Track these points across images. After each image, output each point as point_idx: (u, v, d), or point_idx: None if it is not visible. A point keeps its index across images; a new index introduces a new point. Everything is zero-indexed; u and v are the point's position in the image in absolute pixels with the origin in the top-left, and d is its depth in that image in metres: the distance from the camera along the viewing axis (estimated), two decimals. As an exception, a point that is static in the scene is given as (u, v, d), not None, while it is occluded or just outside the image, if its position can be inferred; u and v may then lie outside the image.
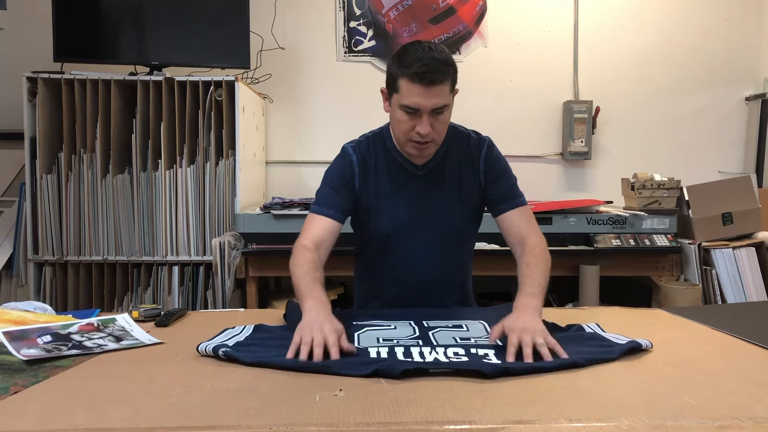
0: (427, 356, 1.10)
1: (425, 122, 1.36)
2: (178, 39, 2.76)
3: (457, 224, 1.54)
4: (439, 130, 1.41)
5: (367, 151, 1.52)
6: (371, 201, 1.50)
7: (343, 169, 1.50)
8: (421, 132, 1.37)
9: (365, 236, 1.57)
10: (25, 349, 1.15)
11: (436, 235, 1.52)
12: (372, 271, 1.63)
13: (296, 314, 1.45)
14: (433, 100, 1.35)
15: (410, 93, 1.34)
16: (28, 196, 2.62)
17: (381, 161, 1.51)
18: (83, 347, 1.21)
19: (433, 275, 1.56)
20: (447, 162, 1.51)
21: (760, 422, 0.86)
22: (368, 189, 1.50)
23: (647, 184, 2.73)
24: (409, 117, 1.38)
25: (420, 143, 1.40)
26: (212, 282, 2.61)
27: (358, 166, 1.49)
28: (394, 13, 3.28)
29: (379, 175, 1.50)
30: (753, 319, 1.61)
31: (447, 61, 1.36)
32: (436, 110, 1.37)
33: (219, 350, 1.14)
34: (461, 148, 1.53)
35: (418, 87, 1.33)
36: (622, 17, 3.36)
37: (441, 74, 1.34)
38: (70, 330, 1.28)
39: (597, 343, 1.21)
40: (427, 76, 1.32)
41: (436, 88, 1.34)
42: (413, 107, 1.35)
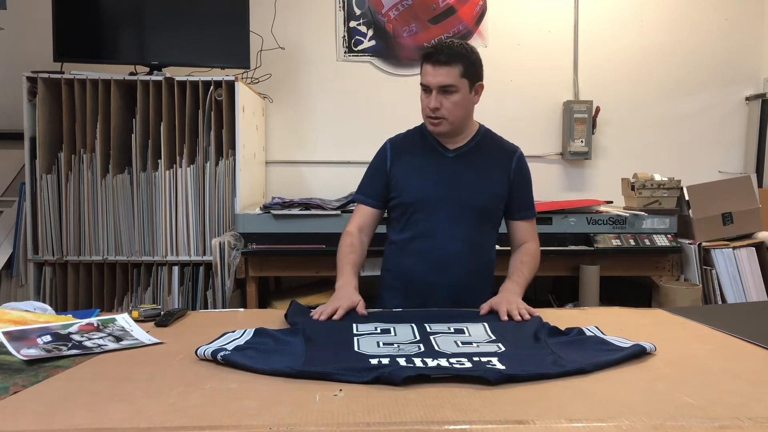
0: (430, 364, 1.10)
1: (433, 98, 1.57)
2: (178, 39, 2.76)
3: (479, 202, 1.67)
4: (449, 109, 1.59)
5: (403, 138, 1.75)
6: (401, 175, 1.67)
7: (378, 158, 1.73)
8: (430, 106, 1.58)
9: (395, 210, 1.71)
10: (25, 349, 1.15)
11: (459, 210, 1.65)
12: (397, 245, 1.73)
13: (298, 314, 1.46)
14: (439, 78, 1.55)
15: (424, 72, 1.58)
16: (28, 196, 2.62)
17: (415, 144, 1.71)
18: (83, 347, 1.21)
19: (452, 247, 1.66)
20: (478, 150, 1.70)
21: (760, 422, 0.86)
22: (400, 166, 1.68)
23: (647, 184, 2.73)
24: (425, 95, 1.60)
25: (433, 118, 1.61)
26: (212, 282, 2.61)
27: (390, 150, 1.71)
28: (394, 13, 3.28)
29: (412, 154, 1.69)
30: (753, 319, 1.61)
31: (459, 50, 1.56)
32: (443, 89, 1.56)
33: (218, 354, 1.13)
34: (494, 145, 1.74)
35: (428, 66, 1.57)
36: (622, 17, 3.36)
37: (447, 56, 1.54)
38: (70, 330, 1.28)
39: (601, 347, 1.20)
40: (433, 56, 1.55)
41: (443, 69, 1.54)
42: (425, 84, 1.59)
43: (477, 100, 1.68)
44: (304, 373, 1.05)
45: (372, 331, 1.34)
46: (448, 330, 1.34)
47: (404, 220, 1.68)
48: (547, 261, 2.59)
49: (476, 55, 1.61)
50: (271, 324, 1.38)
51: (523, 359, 1.12)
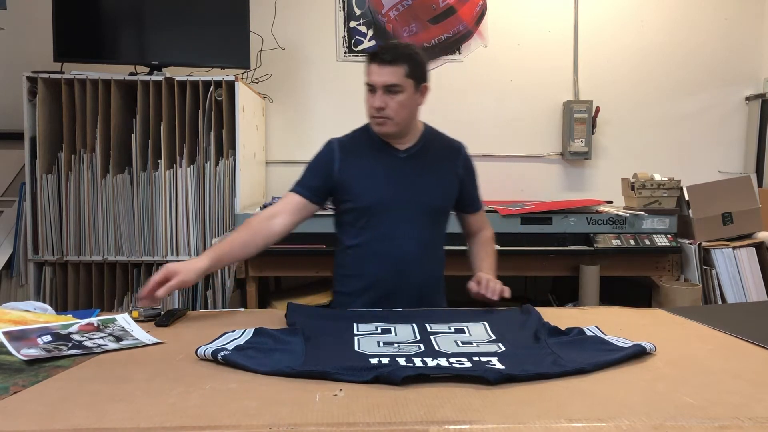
0: (430, 363, 1.09)
1: (378, 97, 1.55)
2: (178, 39, 2.76)
3: (435, 202, 1.69)
4: (395, 109, 1.57)
5: (350, 139, 1.70)
6: (353, 178, 1.63)
7: (323, 156, 1.67)
8: (373, 105, 1.56)
9: (349, 215, 1.67)
10: (25, 349, 1.15)
11: (415, 211, 1.64)
12: (354, 250, 1.69)
13: (297, 315, 1.45)
14: (384, 78, 1.53)
15: (369, 72, 1.56)
16: (28, 196, 2.63)
17: (364, 145, 1.67)
18: (83, 347, 1.21)
19: (412, 250, 1.65)
20: (427, 150, 1.68)
21: (760, 422, 0.86)
22: (350, 168, 1.64)
23: (647, 184, 2.73)
24: (370, 94, 1.57)
25: (377, 118, 1.58)
26: (212, 282, 2.61)
27: (338, 151, 1.65)
28: (394, 13, 3.28)
29: (361, 156, 1.65)
30: (753, 319, 1.61)
31: (405, 51, 1.56)
32: (388, 89, 1.54)
33: (218, 354, 1.13)
34: (441, 143, 1.73)
35: (373, 66, 1.55)
36: (622, 17, 3.36)
37: (392, 56, 1.53)
38: (70, 330, 1.28)
39: (601, 347, 1.20)
40: (378, 55, 1.54)
41: (388, 68, 1.53)
42: (370, 83, 1.56)
43: (422, 102, 1.67)
44: (304, 373, 1.05)
45: (372, 330, 1.34)
46: (448, 330, 1.34)
47: (360, 225, 1.65)
48: (547, 261, 2.61)
49: (422, 57, 1.61)
50: (271, 324, 1.37)
51: (523, 359, 1.12)
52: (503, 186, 3.35)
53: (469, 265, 1.77)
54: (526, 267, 2.63)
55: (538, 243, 2.59)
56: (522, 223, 2.60)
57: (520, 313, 1.48)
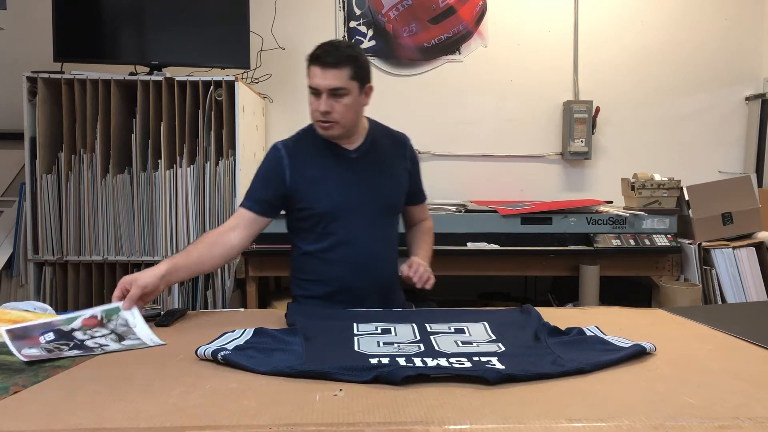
0: (430, 363, 1.09)
1: (323, 101, 1.53)
2: (178, 39, 2.76)
3: (392, 200, 1.69)
4: (340, 112, 1.54)
5: (296, 143, 1.66)
6: (307, 184, 1.61)
7: (271, 164, 1.64)
8: (319, 110, 1.53)
9: (306, 221, 1.65)
10: (26, 349, 1.15)
11: (374, 212, 1.64)
12: (314, 256, 1.67)
13: (297, 315, 1.45)
14: (329, 81, 1.51)
15: (312, 74, 1.54)
16: (28, 196, 2.63)
17: (312, 148, 1.64)
18: (84, 347, 1.21)
19: (375, 249, 1.65)
20: (376, 146, 1.68)
21: (760, 422, 0.86)
22: (302, 174, 1.61)
23: (647, 184, 2.73)
24: (315, 98, 1.55)
25: (323, 122, 1.56)
26: (212, 282, 2.61)
27: (287, 157, 1.62)
28: (394, 13, 3.28)
29: (311, 160, 1.63)
30: (753, 319, 1.61)
31: (347, 52, 1.54)
32: (334, 92, 1.52)
33: (218, 354, 1.13)
34: (387, 138, 1.73)
35: (316, 69, 1.52)
36: (622, 17, 3.36)
37: (335, 58, 1.51)
38: (73, 326, 1.28)
39: (601, 347, 1.20)
40: (321, 58, 1.51)
41: (332, 71, 1.50)
42: (314, 87, 1.54)
43: (367, 102, 1.65)
44: (304, 373, 1.05)
45: (372, 330, 1.34)
46: (448, 330, 1.34)
47: (319, 229, 1.64)
48: (547, 261, 2.61)
49: (364, 57, 1.60)
50: (271, 324, 1.37)
51: (522, 359, 1.12)
52: (503, 186, 3.35)
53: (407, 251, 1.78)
54: (526, 267, 2.63)
55: (538, 243, 2.59)
56: (522, 223, 2.60)
57: (520, 313, 1.48)
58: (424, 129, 3.32)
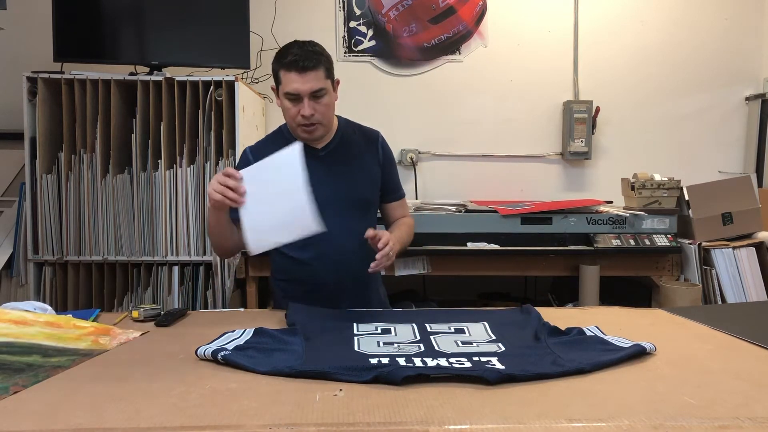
0: (430, 363, 1.10)
1: (306, 105, 1.54)
2: (178, 39, 2.76)
3: (363, 195, 1.71)
4: (322, 112, 1.58)
5: (265, 146, 1.69)
6: None
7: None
8: (304, 114, 1.55)
9: None
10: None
11: (346, 207, 1.64)
12: (291, 256, 1.69)
13: (297, 315, 1.45)
14: (310, 84, 1.53)
15: (289, 81, 1.54)
16: (28, 196, 2.63)
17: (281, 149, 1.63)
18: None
19: (349, 246, 1.65)
20: (345, 143, 1.69)
21: (760, 422, 0.86)
22: None
23: (647, 184, 2.73)
24: (293, 104, 1.56)
25: (307, 126, 1.58)
26: (212, 282, 2.61)
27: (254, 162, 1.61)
28: (394, 13, 3.28)
29: None
30: (753, 319, 1.61)
31: (317, 51, 1.56)
32: (314, 94, 1.54)
33: (218, 354, 1.13)
34: (356, 134, 1.74)
35: (294, 74, 1.53)
36: (622, 17, 3.36)
37: (312, 61, 1.53)
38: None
39: (601, 347, 1.20)
40: (299, 62, 1.52)
41: (311, 74, 1.52)
42: (294, 93, 1.54)
43: (337, 97, 1.68)
44: (304, 373, 1.05)
45: (372, 330, 1.34)
46: (448, 330, 1.34)
47: None
48: (547, 261, 2.61)
49: (328, 53, 1.62)
50: (271, 324, 1.38)
51: (522, 359, 1.12)
52: (503, 186, 3.35)
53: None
54: (526, 267, 2.63)
55: (538, 243, 2.59)
56: (522, 223, 2.60)
57: (520, 313, 1.48)
58: (424, 129, 3.32)
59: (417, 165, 3.31)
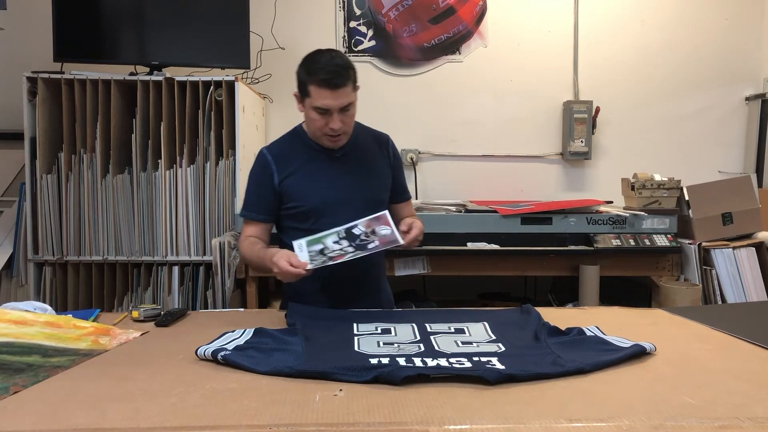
0: (430, 363, 1.10)
1: (336, 119, 1.58)
2: (178, 39, 2.76)
3: (377, 195, 1.74)
4: (348, 123, 1.63)
5: (282, 146, 1.73)
6: (297, 183, 1.67)
7: (260, 170, 1.70)
8: (333, 128, 1.59)
9: (295, 219, 1.70)
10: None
11: (360, 207, 1.66)
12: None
13: (297, 315, 1.45)
14: (341, 101, 1.56)
15: (320, 96, 1.55)
16: (28, 196, 2.63)
17: (299, 152, 1.70)
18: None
19: None
20: (358, 146, 1.73)
21: (760, 422, 0.86)
22: (289, 176, 1.67)
23: (647, 184, 2.73)
24: (321, 116, 1.58)
25: (334, 136, 1.62)
26: (212, 282, 2.61)
27: (275, 162, 1.68)
28: (394, 13, 3.28)
29: (299, 163, 1.68)
30: (753, 319, 1.61)
31: (347, 65, 1.58)
32: (343, 108, 1.58)
33: (218, 354, 1.13)
34: (367, 137, 1.78)
35: (326, 91, 1.54)
36: (622, 17, 3.36)
37: (344, 78, 1.55)
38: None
39: (601, 347, 1.20)
40: (332, 81, 1.54)
41: (341, 90, 1.55)
42: (324, 108, 1.56)
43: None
44: (304, 373, 1.05)
45: (372, 330, 1.34)
46: (448, 330, 1.34)
47: (308, 225, 1.66)
48: (547, 261, 2.61)
49: (353, 63, 1.62)
50: (271, 324, 1.38)
51: (522, 359, 1.12)
52: (503, 186, 3.35)
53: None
54: (526, 267, 2.63)
55: (538, 243, 2.59)
56: (522, 223, 2.60)
57: (520, 313, 1.48)
58: (424, 129, 3.32)
59: (417, 165, 3.31)
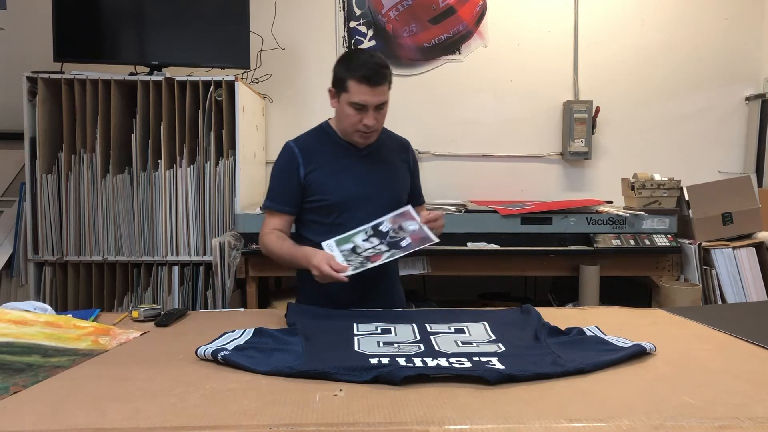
0: (430, 363, 1.10)
1: (371, 116, 1.63)
2: (178, 39, 2.76)
3: (398, 194, 1.78)
4: (380, 121, 1.69)
5: (308, 140, 1.77)
6: (322, 177, 1.69)
7: (286, 162, 1.73)
8: (368, 124, 1.63)
9: (318, 213, 1.71)
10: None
11: (383, 204, 1.70)
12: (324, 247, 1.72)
13: (297, 315, 1.45)
14: (378, 98, 1.62)
15: (358, 92, 1.60)
16: (28, 196, 2.62)
17: (325, 147, 1.74)
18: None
19: None
20: (382, 147, 1.77)
21: (760, 422, 0.86)
22: (316, 168, 1.70)
23: (647, 184, 2.73)
24: (357, 112, 1.63)
25: (366, 133, 1.66)
26: (212, 282, 2.61)
27: (301, 156, 1.71)
28: (394, 13, 3.28)
29: (325, 158, 1.72)
30: (753, 319, 1.61)
31: (385, 65, 1.65)
32: (378, 106, 1.63)
33: (218, 354, 1.13)
34: (391, 140, 1.83)
35: (365, 87, 1.60)
36: (622, 17, 3.36)
37: (382, 77, 1.62)
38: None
39: (601, 347, 1.20)
40: (372, 78, 1.59)
41: (380, 88, 1.61)
42: (361, 104, 1.61)
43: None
44: (304, 373, 1.05)
45: (372, 330, 1.34)
46: (448, 330, 1.34)
47: (331, 220, 1.69)
48: (547, 261, 2.61)
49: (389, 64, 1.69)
50: (271, 324, 1.38)
51: (522, 359, 1.12)
52: (503, 186, 3.35)
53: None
54: (526, 267, 2.63)
55: (538, 243, 2.59)
56: (522, 223, 2.60)
57: (520, 313, 1.48)
58: (424, 129, 3.32)
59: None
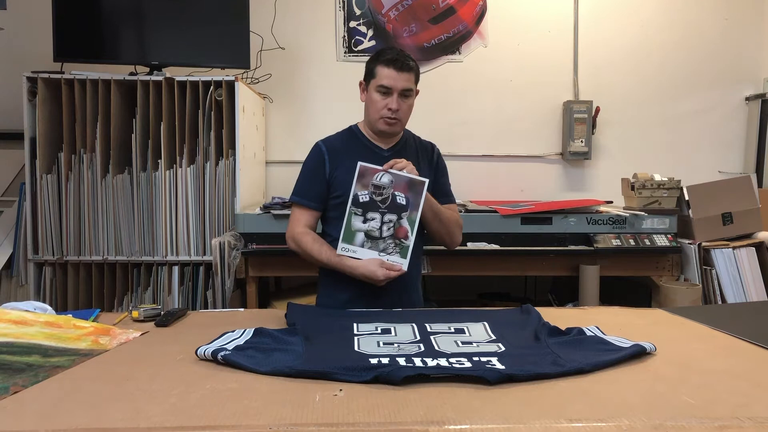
0: (430, 363, 1.10)
1: (395, 99, 1.69)
2: (178, 39, 2.76)
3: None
4: (405, 111, 1.74)
5: (336, 141, 1.82)
6: (345, 174, 1.71)
7: (314, 160, 1.78)
8: (392, 107, 1.69)
9: (341, 209, 1.71)
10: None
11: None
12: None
13: (297, 315, 1.45)
14: (403, 83, 1.69)
15: (385, 75, 1.69)
16: (28, 196, 2.62)
17: (352, 147, 1.79)
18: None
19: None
20: (407, 148, 1.83)
21: (760, 422, 0.86)
22: (341, 167, 1.74)
23: (647, 184, 2.73)
24: (383, 97, 1.70)
25: (390, 119, 1.71)
26: (212, 282, 2.61)
27: (327, 153, 1.77)
28: (394, 13, 3.28)
29: (350, 155, 1.74)
30: (753, 319, 1.61)
31: (412, 59, 1.74)
32: (403, 92, 1.70)
33: (218, 354, 1.13)
34: (416, 143, 1.90)
35: (391, 70, 1.68)
36: (622, 17, 3.36)
37: (408, 65, 1.70)
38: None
39: (601, 347, 1.20)
40: (398, 62, 1.68)
41: (405, 74, 1.69)
42: (387, 86, 1.69)
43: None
44: (304, 373, 1.05)
45: (372, 330, 1.34)
46: (448, 330, 1.34)
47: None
48: (547, 261, 2.61)
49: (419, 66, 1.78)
50: (271, 324, 1.38)
51: (522, 359, 1.12)
52: (503, 186, 3.35)
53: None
54: (526, 267, 2.63)
55: (538, 243, 2.59)
56: (522, 223, 2.60)
57: (520, 313, 1.48)
58: (424, 129, 3.29)
59: (417, 165, 3.31)
